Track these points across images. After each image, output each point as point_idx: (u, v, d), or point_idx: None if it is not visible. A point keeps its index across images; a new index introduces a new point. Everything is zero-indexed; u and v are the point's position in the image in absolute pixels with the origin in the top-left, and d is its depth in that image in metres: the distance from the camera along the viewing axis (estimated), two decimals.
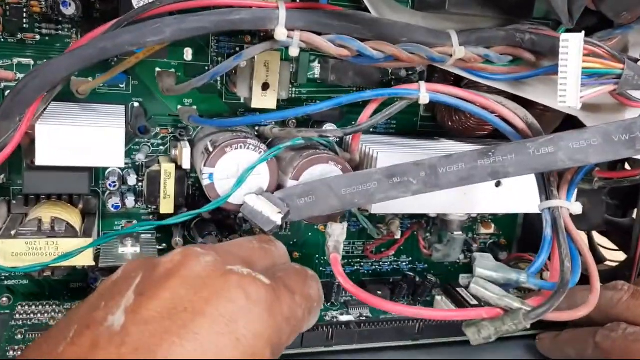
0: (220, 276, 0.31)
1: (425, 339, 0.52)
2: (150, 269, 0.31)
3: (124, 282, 0.31)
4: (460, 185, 0.40)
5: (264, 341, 0.30)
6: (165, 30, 0.37)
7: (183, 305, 0.28)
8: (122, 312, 0.28)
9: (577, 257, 0.40)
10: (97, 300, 0.30)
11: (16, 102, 0.36)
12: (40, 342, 0.29)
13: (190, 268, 0.31)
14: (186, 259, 0.32)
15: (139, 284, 0.30)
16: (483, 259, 0.40)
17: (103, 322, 0.28)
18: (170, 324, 0.27)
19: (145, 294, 0.29)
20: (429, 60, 0.44)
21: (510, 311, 0.37)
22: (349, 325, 0.51)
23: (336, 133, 0.45)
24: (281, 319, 0.32)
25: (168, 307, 0.28)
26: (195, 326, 0.28)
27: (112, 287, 0.31)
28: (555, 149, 0.38)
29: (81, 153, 0.39)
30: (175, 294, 0.29)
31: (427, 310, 0.37)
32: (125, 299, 0.29)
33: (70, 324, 0.29)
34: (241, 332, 0.29)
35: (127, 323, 0.27)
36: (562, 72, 0.38)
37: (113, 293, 0.30)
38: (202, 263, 0.31)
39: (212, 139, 0.45)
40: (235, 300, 0.30)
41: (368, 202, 0.41)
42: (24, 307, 0.49)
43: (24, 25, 0.45)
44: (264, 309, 0.30)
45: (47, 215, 0.43)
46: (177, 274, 0.30)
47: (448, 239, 0.52)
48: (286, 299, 0.33)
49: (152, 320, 0.27)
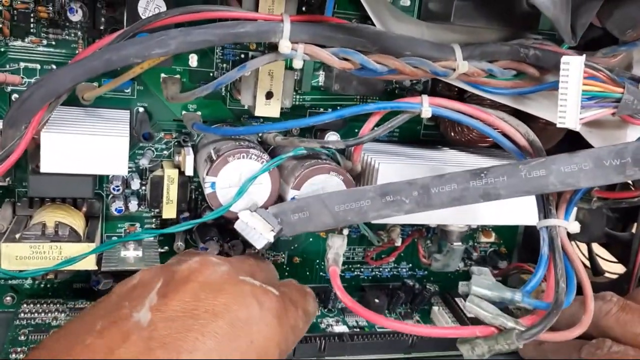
0: (235, 284, 0.34)
1: (418, 352, 0.52)
2: (170, 275, 0.35)
3: (145, 287, 0.34)
4: (452, 205, 0.41)
5: (274, 345, 0.33)
6: (170, 43, 0.37)
7: (204, 307, 0.32)
8: (148, 310, 0.31)
9: (572, 277, 0.40)
10: (117, 301, 0.33)
11: (22, 111, 0.37)
12: (59, 335, 0.31)
13: (208, 275, 0.34)
14: (203, 267, 0.35)
15: (160, 288, 0.33)
16: (480, 277, 0.40)
17: (129, 318, 0.31)
18: (192, 322, 0.30)
19: (168, 295, 0.32)
20: (432, 74, 0.44)
21: (504, 330, 0.37)
22: (341, 337, 0.51)
23: (338, 145, 0.45)
24: (288, 328, 0.35)
25: (190, 308, 0.31)
26: (216, 326, 0.31)
27: (132, 290, 0.34)
28: (547, 172, 0.39)
29: (86, 161, 0.40)
30: (196, 297, 0.32)
31: (422, 327, 0.38)
32: (148, 300, 0.32)
33: (93, 320, 0.31)
34: (255, 335, 0.32)
35: (153, 319, 0.30)
36: (562, 94, 0.38)
37: (134, 295, 0.33)
38: (218, 272, 0.35)
39: (215, 146, 0.45)
40: (250, 307, 0.33)
41: (361, 219, 0.42)
42: (29, 304, 0.50)
43: (31, 30, 0.45)
44: (274, 317, 0.34)
45: (51, 219, 0.43)
46: (197, 279, 0.34)
47: (447, 249, 0.52)
48: (291, 311, 0.37)
49: (176, 318, 0.31)
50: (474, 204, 0.48)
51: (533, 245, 0.64)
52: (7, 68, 0.45)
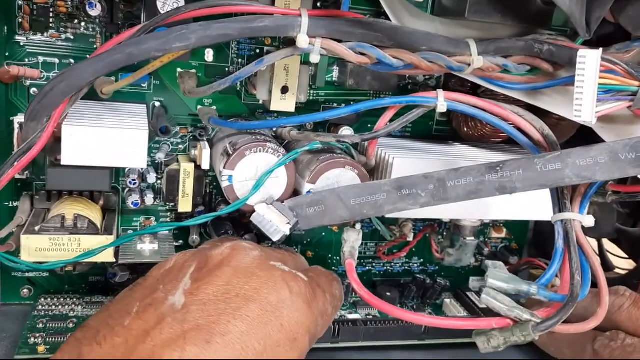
0: (266, 269, 0.35)
1: (431, 339, 0.53)
2: (203, 260, 0.36)
3: (179, 271, 0.35)
4: (467, 199, 0.41)
5: (304, 329, 0.34)
6: (191, 37, 0.37)
7: (235, 291, 0.33)
8: (182, 294, 0.32)
9: (587, 270, 0.40)
10: (153, 284, 0.34)
11: (43, 105, 0.37)
12: (101, 317, 0.32)
13: (240, 260, 0.35)
14: (235, 252, 0.36)
15: (194, 272, 0.34)
16: (495, 270, 0.40)
17: (164, 301, 0.32)
18: (225, 306, 0.31)
19: (202, 280, 0.33)
20: (448, 69, 0.44)
21: (520, 322, 0.38)
22: (355, 323, 0.52)
23: (353, 139, 0.45)
24: (317, 313, 0.36)
25: (222, 292, 0.32)
26: (247, 310, 0.32)
27: (167, 274, 0.35)
28: (562, 166, 0.39)
29: (106, 154, 0.40)
30: (228, 281, 0.33)
31: (438, 319, 0.38)
32: (182, 284, 0.33)
33: (131, 302, 0.33)
34: (285, 319, 0.33)
35: (187, 303, 0.31)
36: (579, 88, 0.39)
37: (169, 279, 0.34)
38: (250, 256, 0.36)
39: (231, 140, 0.45)
40: (280, 291, 0.34)
41: (377, 213, 0.42)
42: (46, 299, 0.51)
43: (50, 25, 0.46)
44: (304, 302, 0.35)
45: (70, 211, 0.44)
46: (229, 264, 0.35)
47: (460, 244, 0.53)
48: (320, 296, 0.37)
49: (209, 302, 0.32)
50: (487, 199, 0.49)
51: (543, 241, 0.65)
52: (26, 62, 0.46)
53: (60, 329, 0.48)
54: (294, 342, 0.33)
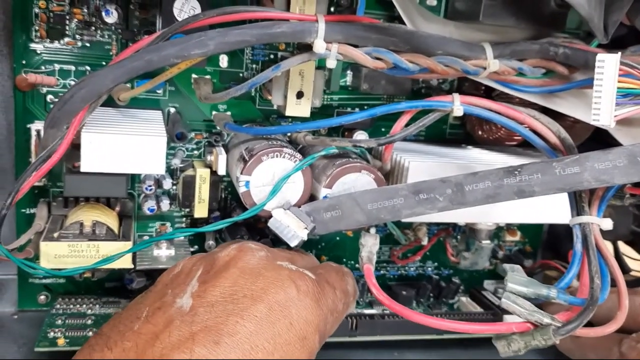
0: (273, 269, 0.35)
1: (449, 334, 0.53)
2: (210, 262, 0.36)
3: (187, 274, 0.35)
4: (486, 203, 0.41)
5: (313, 327, 0.34)
6: (209, 44, 0.37)
7: (243, 292, 0.33)
8: (189, 296, 0.32)
9: (606, 274, 0.40)
10: (162, 289, 0.35)
11: (63, 112, 0.37)
12: (113, 323, 0.33)
13: (247, 260, 0.35)
14: (242, 253, 0.36)
15: (201, 275, 0.34)
16: (514, 274, 0.40)
17: (172, 304, 0.32)
18: (232, 307, 0.31)
19: (209, 281, 0.33)
20: (464, 73, 0.44)
21: (540, 326, 0.38)
22: (373, 317, 0.52)
23: (370, 143, 0.45)
24: (326, 310, 0.36)
25: (230, 293, 0.32)
26: (255, 310, 0.32)
27: (175, 278, 0.35)
28: (581, 169, 0.39)
29: (124, 160, 0.41)
30: (235, 282, 0.33)
31: (459, 323, 0.38)
32: (190, 286, 0.33)
33: (140, 307, 0.33)
34: (294, 317, 0.33)
35: (195, 305, 0.32)
36: (597, 91, 0.39)
37: (177, 283, 0.34)
38: (256, 257, 0.36)
39: (247, 146, 0.45)
40: (288, 290, 0.34)
41: (394, 217, 0.42)
42: (64, 299, 0.51)
43: (66, 32, 0.46)
44: (312, 300, 0.34)
45: (87, 218, 0.44)
46: (235, 265, 0.35)
47: (476, 248, 0.53)
48: (329, 293, 0.37)
49: (216, 303, 0.32)
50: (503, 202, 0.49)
51: (557, 243, 0.65)
52: (42, 69, 0.46)
53: (78, 325, 0.48)
54: (304, 340, 0.33)
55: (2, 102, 0.48)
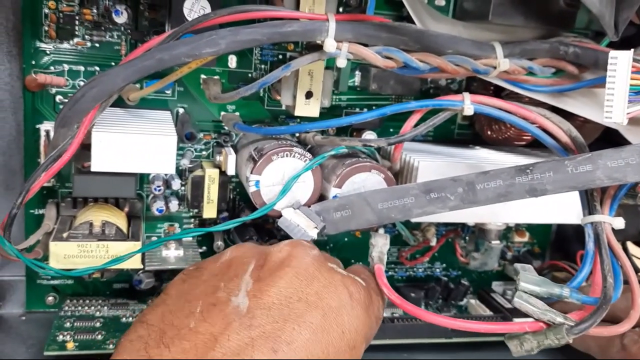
0: (326, 272, 0.34)
1: (459, 337, 0.53)
2: (262, 257, 0.35)
3: (238, 266, 0.34)
4: (497, 201, 0.41)
5: (362, 336, 0.33)
6: (220, 42, 0.37)
7: (297, 295, 0.32)
8: (245, 296, 0.31)
9: (618, 273, 0.40)
10: (212, 280, 0.33)
11: (74, 111, 0.37)
12: (162, 312, 0.32)
13: (301, 259, 0.34)
14: (295, 250, 0.35)
15: (254, 270, 0.33)
16: (526, 273, 0.40)
17: (228, 302, 0.31)
18: (288, 311, 0.31)
19: (263, 280, 0.32)
20: (474, 72, 0.44)
21: (553, 325, 0.37)
22: (383, 321, 0.51)
23: (380, 142, 0.45)
24: (373, 318, 0.36)
25: (285, 296, 0.32)
26: (310, 316, 0.31)
27: (225, 270, 0.34)
28: (593, 167, 0.39)
29: (134, 160, 0.40)
30: (290, 283, 0.32)
31: (472, 323, 0.37)
32: (244, 283, 0.32)
33: (192, 299, 0.32)
34: (346, 326, 0.32)
35: (251, 307, 0.31)
36: (610, 89, 0.38)
37: (229, 275, 0.33)
38: (310, 255, 0.35)
39: (257, 146, 0.45)
40: (341, 297, 0.33)
41: (405, 216, 0.42)
42: (72, 301, 0.51)
43: (75, 33, 0.46)
44: (362, 308, 0.34)
45: (97, 218, 0.44)
46: (290, 264, 0.34)
47: (485, 248, 0.52)
48: (376, 301, 0.37)
49: (273, 307, 0.31)
50: (513, 202, 0.49)
51: (565, 244, 0.64)
52: (52, 70, 0.46)
53: (87, 328, 0.48)
54: (353, 349, 0.32)
55: (12, 102, 0.48)
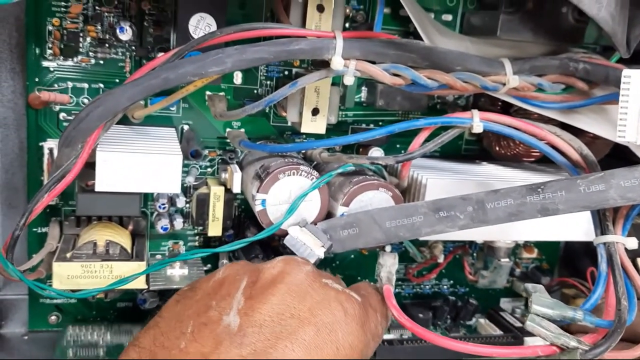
0: (320, 288, 0.34)
1: (469, 358, 0.52)
2: (254, 274, 0.34)
3: (230, 285, 0.34)
4: (508, 221, 0.40)
5: (358, 353, 0.33)
6: (227, 61, 0.37)
7: (290, 311, 0.31)
8: (236, 314, 0.31)
9: (632, 295, 0.39)
10: (205, 299, 0.33)
11: (78, 130, 0.37)
12: (154, 335, 0.31)
13: (294, 275, 0.34)
14: (288, 266, 0.35)
15: (246, 288, 0.33)
16: (538, 295, 0.39)
17: (219, 321, 0.31)
18: (280, 329, 0.30)
19: (255, 297, 0.32)
20: (482, 89, 0.44)
21: (567, 350, 0.37)
22: (392, 342, 0.51)
23: (388, 160, 0.44)
24: (370, 335, 0.35)
25: (277, 312, 0.31)
26: (303, 333, 0.31)
27: (218, 288, 0.34)
28: (606, 187, 0.38)
29: (140, 179, 0.40)
30: (283, 300, 0.32)
31: (484, 347, 0.37)
32: (235, 301, 0.32)
33: (184, 319, 0.32)
34: (340, 342, 0.32)
35: (242, 325, 0.30)
36: (623, 107, 0.38)
37: (221, 294, 0.33)
38: (303, 272, 0.35)
39: (263, 164, 0.45)
40: (335, 313, 0.33)
41: (413, 235, 0.41)
42: (74, 329, 0.50)
43: (79, 50, 0.45)
44: (358, 324, 0.33)
45: (101, 237, 0.43)
46: (282, 280, 0.33)
47: (494, 266, 0.52)
48: (372, 317, 0.36)
49: (264, 324, 0.30)
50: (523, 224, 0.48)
51: (574, 261, 0.64)
52: (55, 87, 0.46)
53: (90, 356, 0.47)
54: None
55: (15, 120, 0.47)
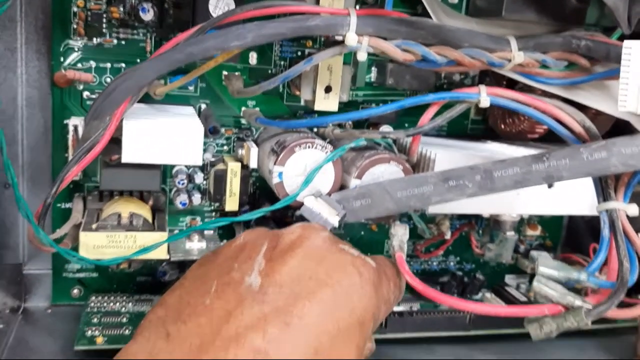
0: (336, 253, 0.35)
1: (477, 330, 0.54)
2: (274, 239, 0.36)
3: (252, 249, 0.35)
4: (515, 188, 0.42)
5: (370, 315, 0.34)
6: (247, 36, 0.39)
7: (308, 274, 0.33)
8: (257, 275, 0.33)
9: (634, 258, 0.41)
10: (227, 262, 0.35)
11: (107, 103, 0.39)
12: (179, 294, 0.33)
13: (312, 240, 0.36)
14: (307, 232, 0.37)
15: (266, 252, 0.35)
16: (544, 258, 0.41)
17: (241, 282, 0.32)
18: (300, 289, 0.32)
19: (275, 260, 0.34)
20: (489, 65, 0.46)
21: (572, 309, 0.39)
22: (402, 314, 0.53)
23: (398, 134, 0.46)
24: (382, 300, 0.36)
25: (296, 274, 0.33)
26: (321, 293, 0.32)
27: (239, 252, 0.36)
28: (608, 155, 0.40)
29: (164, 151, 0.42)
30: (301, 263, 0.34)
31: (495, 307, 0.39)
32: (256, 264, 0.34)
33: (207, 280, 0.33)
34: (355, 303, 0.33)
35: (264, 285, 0.32)
36: (624, 78, 0.40)
37: (243, 257, 0.35)
38: (320, 237, 0.36)
39: (278, 140, 0.47)
40: (351, 276, 0.34)
41: (424, 204, 0.43)
42: (97, 297, 0.52)
43: (103, 30, 0.47)
44: (372, 288, 0.35)
45: (125, 210, 0.45)
46: (301, 245, 0.35)
47: (500, 239, 0.54)
48: (385, 283, 0.38)
49: (284, 285, 0.32)
50: (528, 195, 0.50)
51: (577, 238, 0.65)
52: (79, 67, 0.47)
53: (114, 323, 0.49)
54: (362, 326, 0.34)
55: (40, 99, 0.49)
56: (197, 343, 0.29)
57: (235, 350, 0.28)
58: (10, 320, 0.50)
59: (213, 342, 0.29)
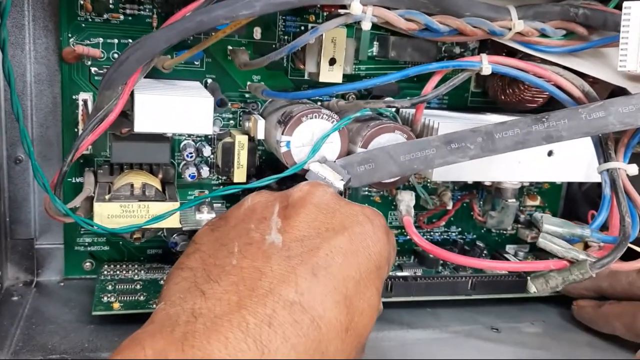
0: (345, 204, 0.37)
1: (478, 295, 0.56)
2: (284, 198, 0.37)
3: (264, 210, 0.37)
4: (515, 149, 0.43)
5: (385, 259, 0.36)
6: (256, 5, 0.40)
7: (324, 226, 0.35)
8: (277, 233, 0.34)
9: (635, 213, 0.42)
10: (242, 224, 0.36)
11: (119, 73, 0.39)
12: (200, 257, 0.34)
13: (321, 196, 0.37)
14: (314, 188, 0.38)
15: (279, 211, 0.36)
16: (548, 217, 0.42)
17: (263, 240, 0.33)
18: (320, 240, 0.33)
19: (291, 217, 0.35)
20: (490, 33, 0.47)
21: (577, 262, 0.40)
22: (406, 279, 0.54)
23: (403, 103, 0.47)
24: (392, 245, 0.38)
25: (314, 227, 0.34)
26: (339, 242, 0.34)
27: (251, 213, 0.37)
28: (605, 114, 0.41)
29: (175, 121, 0.42)
30: (316, 217, 0.35)
31: (502, 263, 0.40)
32: (273, 223, 0.35)
33: (227, 243, 0.34)
34: (371, 249, 0.35)
35: (285, 241, 0.33)
36: (624, 38, 0.41)
37: (257, 218, 0.36)
38: (328, 192, 0.38)
39: (285, 111, 0.48)
40: (363, 224, 0.36)
41: (427, 167, 0.44)
42: (109, 265, 0.53)
43: (110, 6, 0.48)
44: (384, 234, 0.37)
45: (137, 181, 0.46)
46: (311, 201, 0.36)
47: (502, 206, 0.55)
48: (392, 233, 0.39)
49: (305, 238, 0.34)
50: (529, 163, 0.51)
51: (575, 208, 0.67)
52: (87, 42, 0.48)
53: (129, 290, 0.50)
54: (379, 270, 0.35)
55: (48, 75, 0.50)
56: (235, 300, 0.29)
57: (273, 304, 0.29)
58: (24, 292, 0.51)
59: (250, 297, 0.30)
